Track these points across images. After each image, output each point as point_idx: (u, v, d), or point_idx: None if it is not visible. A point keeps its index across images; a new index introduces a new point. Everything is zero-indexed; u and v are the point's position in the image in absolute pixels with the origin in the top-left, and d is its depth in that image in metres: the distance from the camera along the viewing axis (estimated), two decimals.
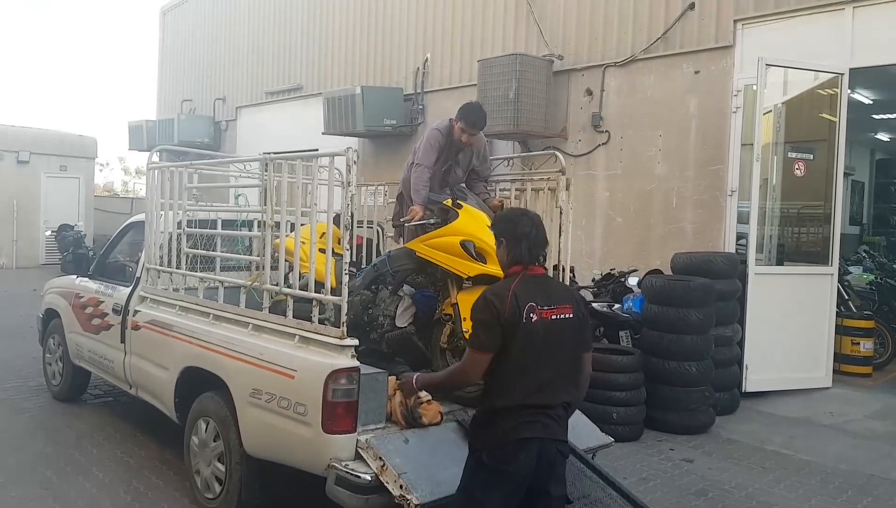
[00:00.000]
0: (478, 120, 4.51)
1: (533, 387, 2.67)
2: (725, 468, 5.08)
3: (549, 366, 2.71)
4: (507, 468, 2.65)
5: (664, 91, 8.02)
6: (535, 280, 2.78)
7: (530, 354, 2.67)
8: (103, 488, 4.38)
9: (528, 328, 2.65)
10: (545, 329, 2.68)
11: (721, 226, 7.55)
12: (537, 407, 2.68)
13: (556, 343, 2.72)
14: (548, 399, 2.70)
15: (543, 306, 2.70)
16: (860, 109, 10.15)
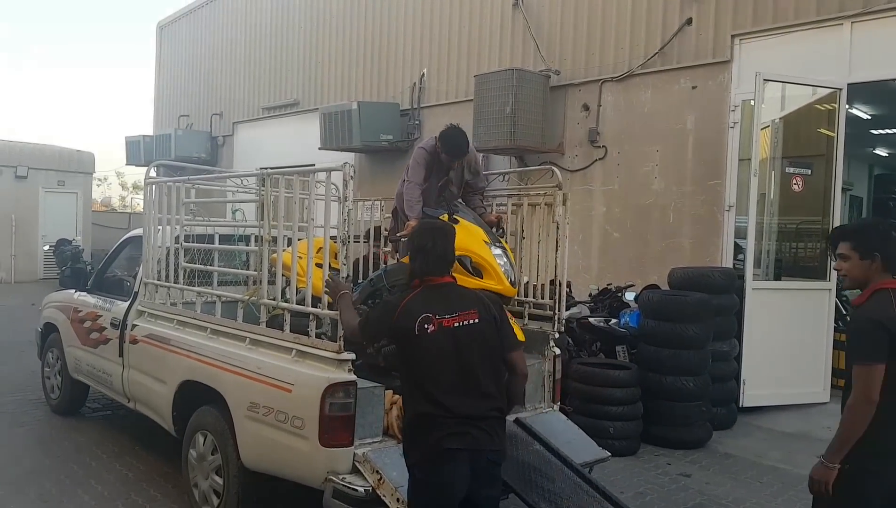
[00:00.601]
0: (458, 148, 4.43)
1: (449, 394, 2.72)
2: (722, 482, 5.08)
3: (464, 373, 2.75)
4: (438, 480, 2.72)
5: (661, 106, 8.08)
6: (437, 290, 2.85)
7: (437, 363, 2.74)
8: (102, 500, 4.38)
9: (424, 338, 2.73)
10: (448, 337, 2.75)
11: (719, 241, 7.58)
12: (463, 418, 2.72)
13: (466, 350, 2.76)
14: (470, 409, 2.74)
15: (443, 314, 2.77)
16: (858, 125, 10.22)
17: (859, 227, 3.07)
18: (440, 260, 2.89)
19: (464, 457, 2.73)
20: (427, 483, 2.76)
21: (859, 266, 2.80)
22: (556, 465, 3.72)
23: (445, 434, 2.69)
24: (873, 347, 2.65)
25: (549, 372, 4.35)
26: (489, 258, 3.94)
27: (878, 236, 2.82)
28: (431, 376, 2.75)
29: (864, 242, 2.81)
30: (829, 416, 6.72)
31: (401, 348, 2.85)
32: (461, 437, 2.71)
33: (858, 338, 2.73)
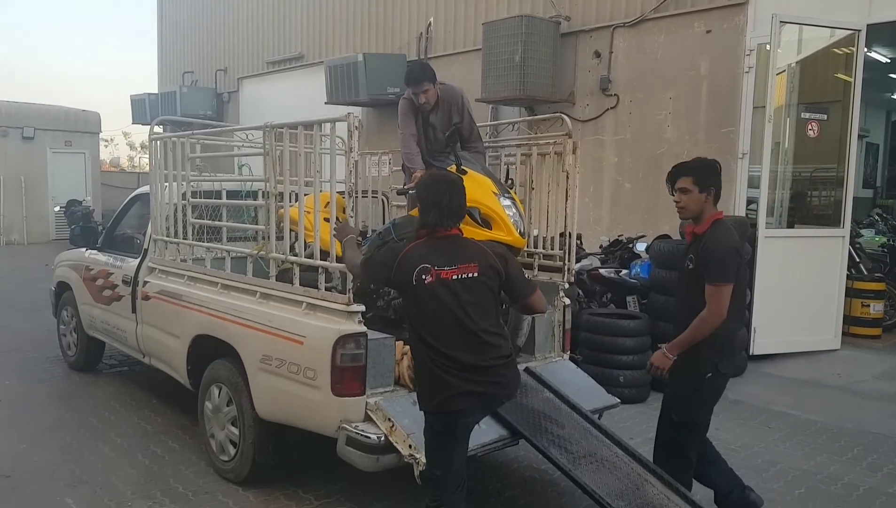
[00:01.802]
0: (417, 74, 4.29)
1: (452, 347, 2.76)
2: (731, 428, 5.12)
3: (463, 326, 2.78)
4: (453, 430, 2.86)
5: (674, 52, 7.89)
6: (440, 242, 2.85)
7: (436, 314, 2.77)
8: (122, 452, 4.48)
9: (422, 288, 2.76)
10: (445, 289, 2.77)
11: (732, 190, 7.49)
12: (470, 370, 2.78)
13: (465, 303, 2.78)
14: (475, 360, 2.79)
15: (442, 266, 2.78)
16: (877, 69, 9.96)
17: (698, 164, 3.33)
18: (453, 215, 2.88)
19: (476, 410, 2.89)
20: (441, 432, 2.89)
21: (697, 199, 3.21)
22: (565, 412, 3.75)
23: (455, 393, 2.76)
24: (730, 270, 3.10)
25: (558, 322, 4.36)
26: (498, 210, 3.90)
27: (714, 173, 3.25)
28: (432, 328, 2.78)
29: (704, 177, 3.21)
30: (839, 362, 6.75)
31: (402, 298, 2.95)
32: (470, 396, 2.79)
33: (718, 261, 3.10)
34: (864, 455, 4.67)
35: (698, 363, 3.22)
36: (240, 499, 3.84)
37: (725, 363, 3.30)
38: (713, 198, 3.24)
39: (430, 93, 4.33)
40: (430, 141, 4.47)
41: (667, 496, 3.27)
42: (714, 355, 3.22)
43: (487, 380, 2.83)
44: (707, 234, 3.20)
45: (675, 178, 3.29)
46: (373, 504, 3.77)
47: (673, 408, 3.38)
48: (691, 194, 3.21)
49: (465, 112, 4.46)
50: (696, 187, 3.21)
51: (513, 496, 3.98)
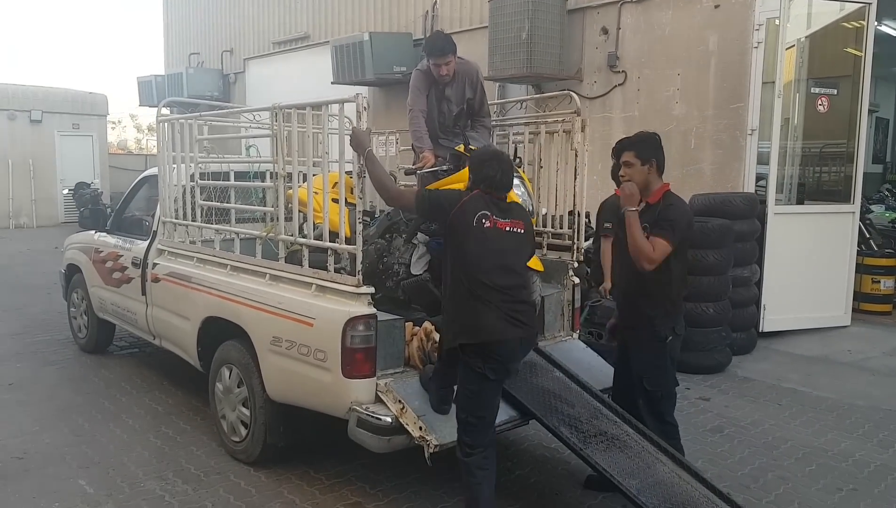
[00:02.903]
0: (441, 45, 4.27)
1: (500, 280, 3.04)
2: (741, 405, 5.13)
3: (509, 271, 3.09)
4: (492, 374, 3.06)
5: (682, 27, 7.77)
6: (495, 198, 3.17)
7: (490, 255, 3.06)
8: (134, 434, 4.52)
9: (480, 230, 3.07)
10: (500, 237, 3.10)
11: (741, 166, 7.41)
12: (515, 302, 3.07)
13: (511, 252, 3.14)
14: (518, 295, 3.10)
15: (499, 217, 3.12)
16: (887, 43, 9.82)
17: (638, 138, 3.54)
18: (502, 188, 3.20)
19: (515, 348, 3.12)
20: (481, 374, 3.04)
21: (641, 171, 3.42)
22: (575, 391, 3.76)
23: (500, 321, 3.00)
24: (678, 233, 3.33)
25: (567, 301, 4.35)
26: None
27: (653, 145, 3.46)
28: (485, 265, 3.04)
29: (644, 149, 3.44)
30: (849, 339, 6.73)
31: (456, 237, 3.10)
32: (513, 325, 3.04)
33: (672, 222, 3.33)
34: (874, 432, 4.67)
35: (658, 331, 3.46)
36: (251, 480, 3.88)
37: (680, 325, 3.54)
38: (656, 169, 3.45)
39: (451, 65, 4.30)
40: (444, 115, 4.44)
41: (678, 474, 3.28)
42: (670, 320, 3.47)
43: (526, 321, 3.12)
44: (662, 202, 3.41)
45: (619, 153, 3.54)
46: (383, 484, 3.80)
47: (644, 377, 3.53)
48: (634, 167, 3.43)
49: (479, 86, 4.45)
50: (638, 161, 3.43)
51: (523, 475, 4.00)
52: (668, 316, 3.48)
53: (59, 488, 3.79)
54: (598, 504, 3.63)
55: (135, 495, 3.71)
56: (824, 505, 3.68)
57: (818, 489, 3.86)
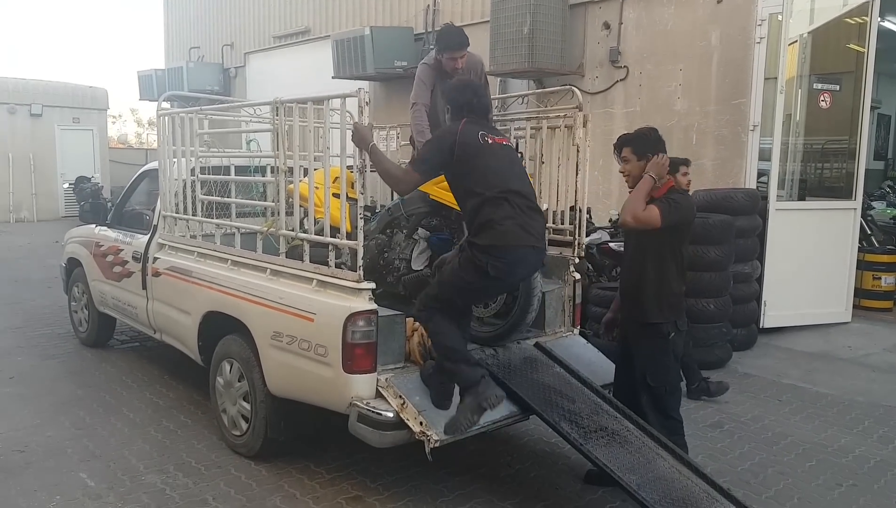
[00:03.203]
0: (460, 40, 4.29)
1: (516, 187, 3.24)
2: (741, 401, 5.13)
3: (515, 180, 3.29)
4: (510, 279, 3.30)
5: (685, 22, 7.75)
6: (479, 121, 3.40)
7: (501, 166, 3.27)
8: (134, 427, 4.53)
9: (485, 146, 3.28)
10: (501, 149, 3.36)
11: (742, 162, 7.40)
12: (529, 209, 3.25)
13: (516, 162, 3.45)
14: (530, 202, 3.29)
15: (493, 135, 3.39)
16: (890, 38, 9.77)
17: (635, 134, 3.62)
18: (482, 111, 3.44)
19: (525, 255, 3.24)
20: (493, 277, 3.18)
21: (637, 166, 3.51)
22: (576, 386, 3.76)
23: (516, 227, 3.16)
24: (673, 215, 3.39)
25: (569, 297, 4.35)
26: None
27: (648, 140, 3.53)
28: (499, 175, 3.23)
29: (641, 145, 3.52)
30: (850, 335, 6.73)
31: (465, 164, 3.24)
32: (527, 233, 3.19)
33: (674, 203, 3.42)
34: (875, 428, 4.68)
35: (660, 328, 3.50)
36: (252, 473, 3.89)
37: (682, 321, 3.59)
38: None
39: (464, 59, 4.34)
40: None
41: (678, 469, 3.28)
42: (672, 315, 3.51)
43: (537, 233, 3.28)
44: (667, 195, 3.48)
45: (618, 149, 3.63)
46: (384, 479, 3.81)
47: (647, 374, 3.56)
48: (631, 162, 3.54)
49: (484, 80, 4.48)
50: (634, 156, 3.54)
51: (524, 469, 4.01)
52: (669, 312, 3.50)
53: (60, 481, 3.80)
54: (597, 498, 3.63)
55: (136, 488, 3.71)
56: (824, 501, 3.68)
57: (818, 484, 3.87)
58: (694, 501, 3.11)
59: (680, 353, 3.64)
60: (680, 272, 3.55)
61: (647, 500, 3.05)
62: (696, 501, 3.11)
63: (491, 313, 3.97)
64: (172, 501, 3.58)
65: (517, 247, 3.18)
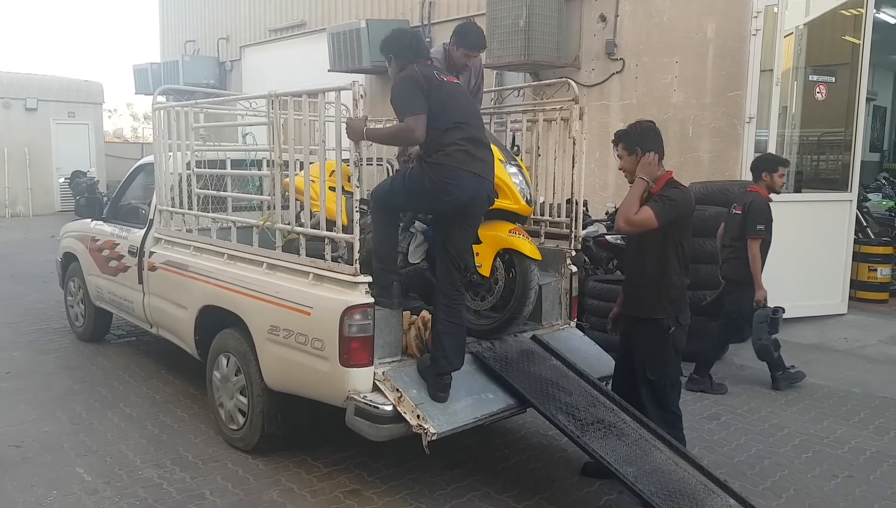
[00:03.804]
0: (480, 40, 4.30)
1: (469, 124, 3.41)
2: (738, 393, 5.15)
3: (469, 116, 3.48)
4: (446, 198, 3.33)
5: (681, 15, 7.74)
6: (428, 65, 3.55)
7: (452, 102, 3.41)
8: (131, 422, 4.53)
9: (444, 84, 3.44)
10: (455, 87, 3.53)
11: (738, 154, 7.39)
12: (481, 144, 3.43)
13: (465, 100, 3.57)
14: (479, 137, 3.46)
15: (446, 75, 3.56)
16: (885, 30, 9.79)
17: (626, 130, 3.65)
18: (423, 52, 3.62)
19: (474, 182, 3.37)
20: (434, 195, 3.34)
21: (630, 162, 3.56)
22: (573, 379, 3.77)
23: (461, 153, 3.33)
24: (670, 213, 3.41)
25: (565, 290, 4.35)
26: (504, 177, 3.86)
27: (636, 134, 3.57)
28: (455, 110, 3.38)
29: (629, 141, 3.57)
30: (846, 327, 6.76)
31: (429, 93, 3.34)
32: (472, 159, 3.36)
33: (668, 201, 3.43)
34: (870, 419, 4.70)
35: (661, 322, 3.51)
36: (249, 467, 3.89)
37: (684, 315, 3.58)
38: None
39: (477, 59, 4.43)
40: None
41: (675, 461, 3.29)
42: (673, 310, 3.52)
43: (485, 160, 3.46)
44: (663, 192, 3.48)
45: (615, 146, 3.68)
46: (381, 472, 3.82)
47: (648, 367, 3.58)
48: (624, 158, 3.59)
49: (481, 73, 4.55)
50: (625, 152, 3.58)
51: (521, 462, 4.02)
52: (671, 306, 3.51)
53: (56, 476, 3.79)
54: (594, 490, 3.65)
55: (132, 482, 3.71)
56: (820, 492, 3.70)
57: (814, 476, 3.88)
58: (691, 493, 3.12)
59: (682, 347, 3.64)
60: (682, 266, 3.55)
61: (643, 492, 3.06)
62: (693, 493, 3.12)
63: (488, 306, 3.97)
64: (169, 495, 3.58)
65: (458, 169, 3.32)
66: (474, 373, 3.64)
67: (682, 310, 3.57)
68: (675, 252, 3.49)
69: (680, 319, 3.54)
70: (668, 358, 3.57)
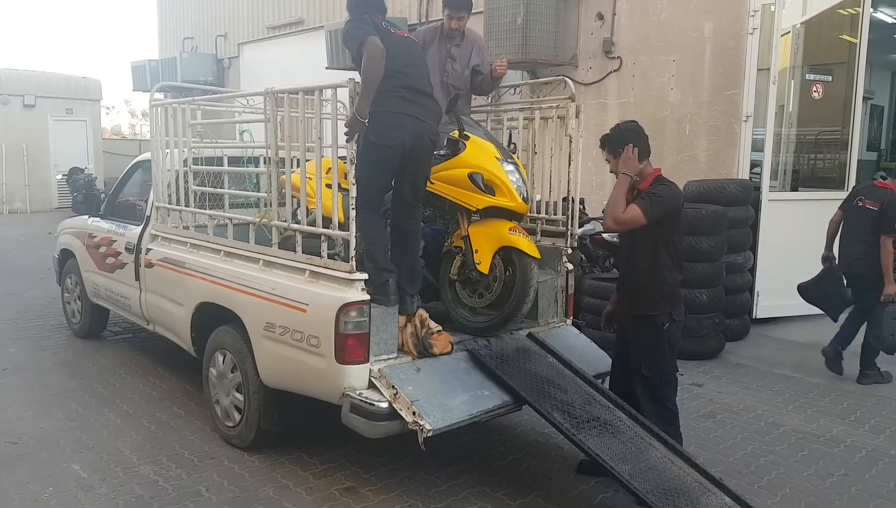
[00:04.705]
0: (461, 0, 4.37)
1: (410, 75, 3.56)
2: (734, 391, 5.16)
3: (417, 68, 3.66)
4: (389, 143, 3.44)
5: (678, 13, 7.74)
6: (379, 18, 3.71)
7: (403, 55, 3.58)
8: (127, 418, 4.53)
9: (389, 35, 3.57)
10: (400, 40, 3.68)
11: (735, 153, 7.40)
12: (418, 91, 3.57)
13: (413, 55, 3.70)
14: (423, 87, 3.64)
15: (395, 29, 3.75)
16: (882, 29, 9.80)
17: (608, 134, 3.68)
18: (382, 8, 3.80)
19: (412, 124, 3.50)
20: (380, 146, 3.45)
21: (615, 164, 3.59)
22: (568, 377, 3.77)
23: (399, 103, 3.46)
24: (656, 209, 3.41)
25: (561, 288, 4.36)
26: (501, 175, 3.87)
27: (615, 136, 3.61)
28: (399, 62, 3.49)
29: (609, 143, 3.62)
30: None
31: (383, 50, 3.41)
32: (409, 103, 3.50)
33: (655, 197, 3.44)
34: (866, 417, 4.71)
35: (655, 318, 3.52)
36: (245, 464, 3.89)
37: (678, 311, 3.59)
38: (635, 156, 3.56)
39: (463, 22, 4.42)
40: (448, 73, 4.46)
41: (670, 459, 3.30)
42: (667, 306, 3.53)
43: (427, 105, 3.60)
44: (650, 189, 3.50)
45: (602, 150, 3.71)
46: (377, 469, 3.82)
47: (643, 364, 3.59)
48: (612, 162, 3.63)
49: (484, 55, 4.61)
50: (611, 155, 3.62)
51: (516, 459, 4.02)
52: (665, 303, 3.52)
53: (52, 472, 3.79)
54: (590, 488, 3.65)
55: (129, 479, 3.71)
56: (816, 490, 3.71)
57: (810, 474, 3.89)
58: (686, 491, 3.12)
59: (677, 343, 3.65)
60: (675, 262, 3.56)
61: (639, 490, 3.07)
62: (689, 491, 3.13)
63: (485, 304, 3.97)
64: (165, 492, 3.58)
65: (394, 112, 3.42)
66: (470, 370, 3.64)
67: (676, 306, 3.58)
68: (666, 249, 3.51)
69: (674, 315, 3.55)
70: (663, 354, 3.58)
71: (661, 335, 3.54)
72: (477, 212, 3.94)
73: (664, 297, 3.52)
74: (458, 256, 3.99)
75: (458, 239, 3.98)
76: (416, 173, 3.65)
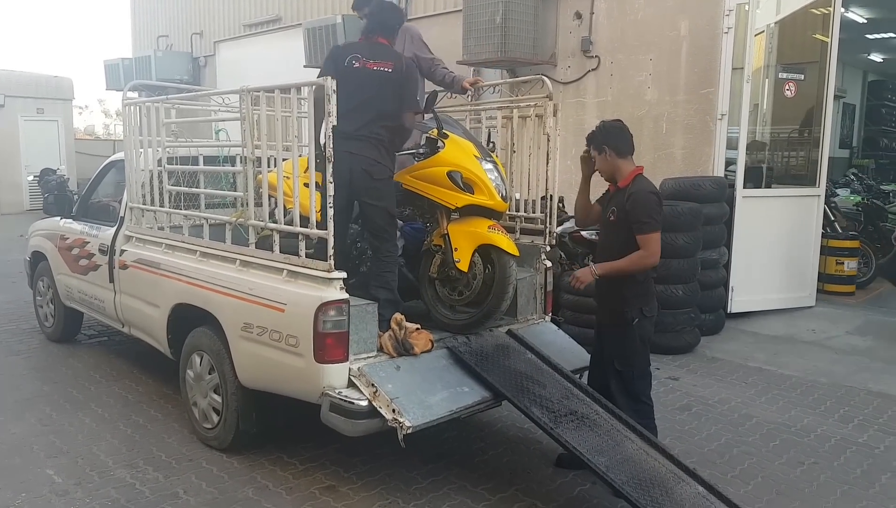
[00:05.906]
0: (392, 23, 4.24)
1: (350, 116, 3.54)
2: (709, 384, 5.24)
3: (369, 103, 3.69)
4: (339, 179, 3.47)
5: (655, 12, 7.81)
6: (370, 43, 3.85)
7: (354, 91, 3.61)
8: (103, 422, 4.47)
9: (350, 71, 3.69)
10: (365, 75, 3.71)
11: (710, 151, 7.49)
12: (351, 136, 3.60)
13: (375, 88, 3.72)
14: (361, 129, 3.67)
15: (368, 59, 3.75)
16: (854, 29, 9.98)
17: (593, 132, 3.71)
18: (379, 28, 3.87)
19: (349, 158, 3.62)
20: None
21: (600, 161, 3.65)
22: (547, 372, 3.80)
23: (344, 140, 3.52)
24: (656, 218, 3.47)
25: (540, 285, 4.39)
26: (480, 174, 3.89)
27: (600, 134, 3.65)
28: (346, 100, 3.47)
29: (594, 141, 3.67)
30: (814, 319, 6.89)
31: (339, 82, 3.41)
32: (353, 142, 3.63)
33: (647, 212, 3.45)
34: (836, 408, 4.81)
35: (625, 313, 3.56)
36: (224, 466, 3.86)
37: (650, 308, 3.62)
38: (616, 153, 3.61)
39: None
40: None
41: (645, 451, 3.34)
42: (638, 301, 3.56)
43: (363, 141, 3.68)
44: (630, 187, 3.54)
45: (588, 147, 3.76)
46: (357, 468, 3.82)
47: (615, 359, 3.64)
48: (597, 159, 3.69)
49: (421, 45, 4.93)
50: (595, 152, 3.67)
51: (496, 454, 4.05)
52: (635, 298, 3.56)
53: (26, 478, 3.74)
54: (568, 481, 3.69)
55: (104, 483, 3.67)
56: (787, 479, 3.78)
57: (781, 463, 3.96)
58: (661, 481, 3.17)
59: (648, 338, 3.69)
60: None
61: (615, 481, 3.10)
62: (663, 481, 3.17)
63: (464, 302, 3.99)
64: (142, 495, 3.55)
65: (337, 151, 3.41)
66: (450, 367, 3.66)
67: (648, 302, 3.61)
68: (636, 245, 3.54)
69: (644, 310, 3.58)
70: (635, 349, 3.62)
71: (632, 330, 3.58)
72: (456, 210, 3.95)
73: (634, 293, 3.57)
74: (437, 254, 4.00)
75: (438, 237, 3.99)
76: (369, 203, 3.82)
